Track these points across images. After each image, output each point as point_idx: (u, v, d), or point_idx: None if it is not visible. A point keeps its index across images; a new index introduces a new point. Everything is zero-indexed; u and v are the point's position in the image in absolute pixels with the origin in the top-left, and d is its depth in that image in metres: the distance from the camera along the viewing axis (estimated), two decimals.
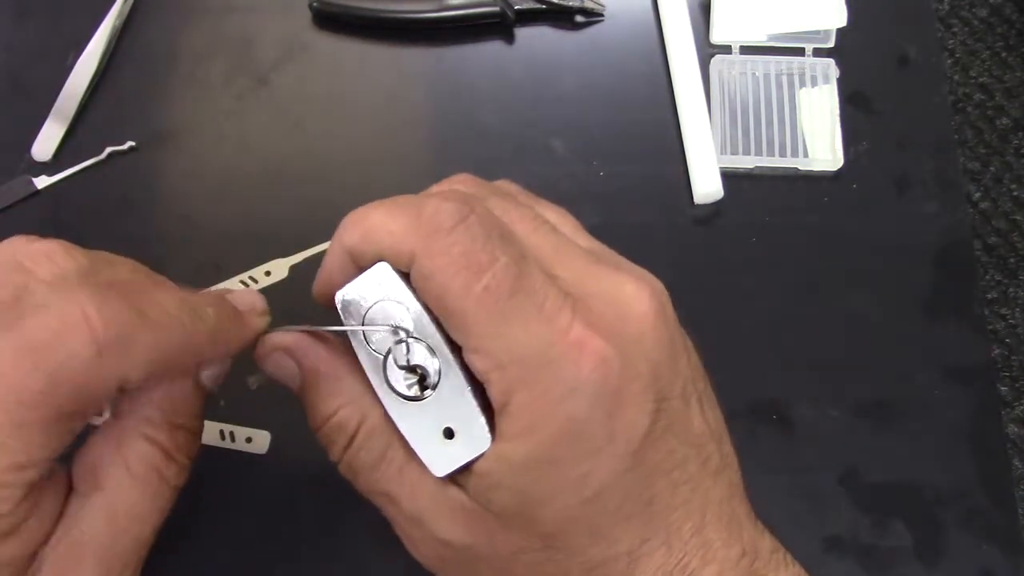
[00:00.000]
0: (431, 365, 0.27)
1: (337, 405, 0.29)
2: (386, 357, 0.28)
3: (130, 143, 0.50)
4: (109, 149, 0.49)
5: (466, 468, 0.27)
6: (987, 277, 1.21)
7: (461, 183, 0.30)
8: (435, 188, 0.30)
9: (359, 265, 0.28)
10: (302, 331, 0.29)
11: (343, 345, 0.30)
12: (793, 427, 0.46)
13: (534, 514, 0.26)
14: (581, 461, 0.25)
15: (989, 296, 1.20)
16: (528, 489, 0.26)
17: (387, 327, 0.27)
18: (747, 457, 0.31)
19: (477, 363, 0.26)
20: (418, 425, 0.28)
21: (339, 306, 0.29)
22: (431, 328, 0.27)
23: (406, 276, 0.27)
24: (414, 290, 0.27)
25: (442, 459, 0.27)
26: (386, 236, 0.27)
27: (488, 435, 0.26)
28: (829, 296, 0.48)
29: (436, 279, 0.26)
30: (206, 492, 0.45)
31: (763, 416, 0.46)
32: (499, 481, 0.26)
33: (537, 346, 0.25)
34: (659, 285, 0.29)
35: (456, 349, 0.27)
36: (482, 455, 0.26)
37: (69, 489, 0.28)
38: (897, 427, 0.46)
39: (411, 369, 0.28)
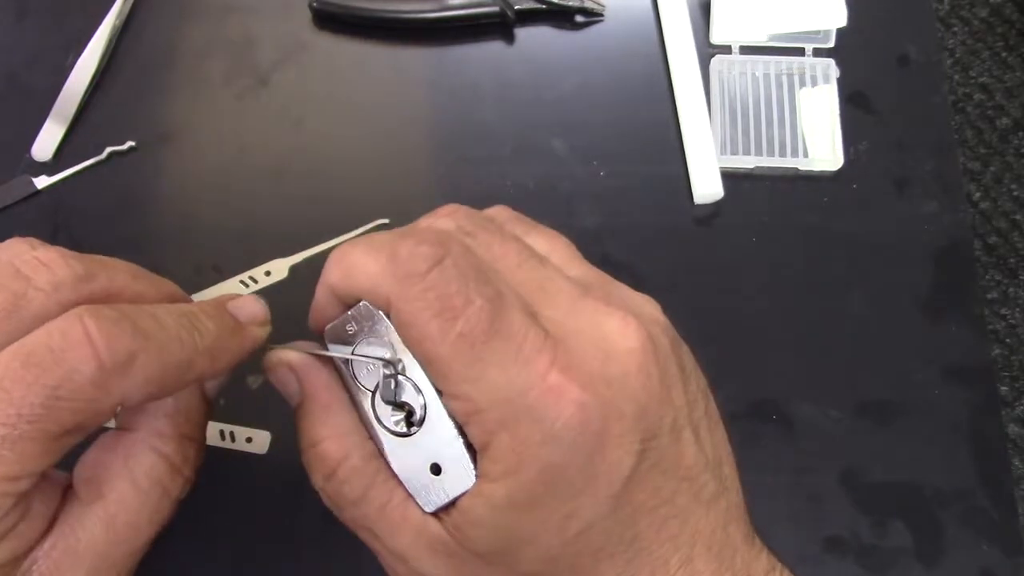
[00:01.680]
0: (416, 401, 0.27)
1: (323, 436, 0.29)
2: (374, 392, 0.28)
3: (130, 143, 0.50)
4: (109, 149, 0.49)
5: (452, 504, 0.27)
6: (987, 277, 1.21)
7: (448, 215, 0.29)
8: (422, 221, 0.30)
9: (344, 303, 0.29)
10: (309, 353, 0.30)
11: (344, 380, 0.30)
12: (793, 427, 0.46)
13: (515, 553, 0.26)
14: (562, 504, 0.25)
15: (989, 296, 1.20)
16: (509, 529, 0.26)
17: (379, 360, 0.28)
18: (747, 457, 0.31)
19: (457, 407, 0.26)
20: (406, 460, 0.28)
21: (327, 341, 0.29)
22: (414, 366, 0.27)
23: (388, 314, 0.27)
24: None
25: (430, 494, 0.28)
26: (364, 279, 0.27)
27: (472, 473, 0.26)
28: (829, 296, 0.48)
29: (412, 325, 0.26)
30: (206, 492, 0.45)
31: (763, 416, 0.46)
32: (481, 520, 0.26)
33: (515, 390, 0.25)
34: (652, 313, 0.28)
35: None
36: (466, 492, 0.26)
37: (64, 490, 0.28)
38: (897, 427, 0.46)
39: (398, 405, 0.28)
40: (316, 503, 0.44)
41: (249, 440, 0.45)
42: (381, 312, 0.27)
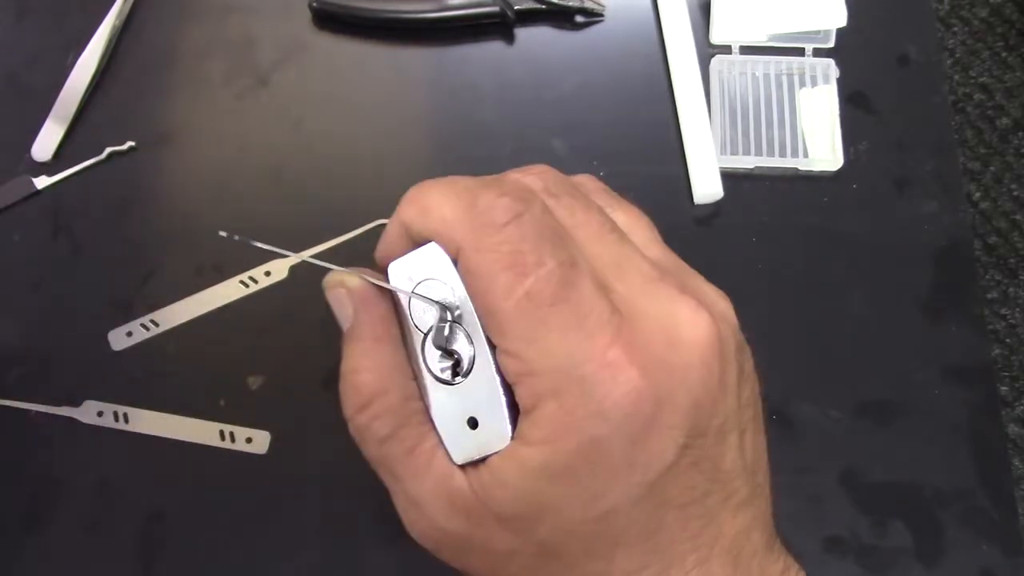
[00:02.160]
0: (466, 352, 0.27)
1: (365, 367, 0.28)
2: (426, 335, 0.28)
3: (130, 143, 0.50)
4: (109, 149, 0.49)
5: (482, 461, 0.27)
6: (987, 277, 1.21)
7: (537, 174, 0.29)
8: (510, 174, 0.29)
9: (414, 240, 0.28)
10: (371, 281, 0.29)
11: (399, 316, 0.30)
12: (793, 427, 0.46)
13: (534, 521, 0.26)
14: (594, 481, 0.25)
15: (989, 296, 1.20)
16: (535, 496, 0.25)
17: (436, 304, 0.27)
18: None
19: (509, 365, 0.25)
20: (446, 407, 0.28)
21: (390, 277, 0.29)
22: (472, 316, 0.26)
23: (456, 260, 0.27)
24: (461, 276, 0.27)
25: (462, 446, 0.27)
26: (438, 220, 0.26)
27: (509, 433, 0.26)
28: (829, 296, 0.48)
29: (479, 275, 0.25)
30: (206, 492, 0.45)
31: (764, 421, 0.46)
32: (508, 482, 0.26)
33: (571, 360, 0.24)
34: (724, 311, 0.28)
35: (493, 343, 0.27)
36: (499, 452, 0.26)
37: None
38: (897, 427, 0.46)
39: (448, 352, 0.27)
40: (316, 503, 0.44)
41: (249, 440, 0.45)
42: (449, 256, 0.27)
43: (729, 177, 0.49)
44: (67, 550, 0.44)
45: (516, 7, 0.51)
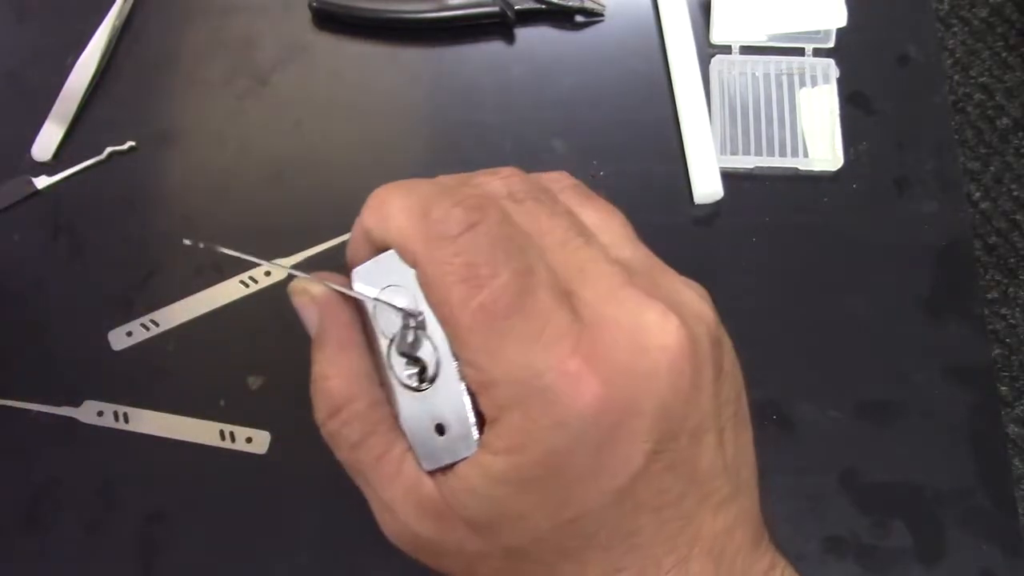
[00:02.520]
0: (431, 358, 0.27)
1: (332, 374, 0.29)
2: (391, 342, 0.28)
3: (130, 143, 0.50)
4: (109, 149, 0.49)
5: (450, 467, 0.27)
6: (987, 277, 1.21)
7: (503, 178, 0.28)
8: (476, 176, 0.29)
9: (375, 247, 0.28)
10: (333, 288, 0.29)
11: (362, 321, 0.30)
12: (793, 427, 0.46)
13: (503, 527, 0.26)
14: (559, 489, 0.25)
15: (989, 296, 1.20)
16: (502, 503, 0.25)
17: (399, 310, 0.27)
18: None
19: (470, 376, 0.25)
20: (413, 414, 0.28)
21: (354, 283, 0.29)
22: (435, 323, 0.26)
23: None
24: None
25: (430, 452, 0.27)
26: (395, 231, 0.26)
27: (475, 440, 0.26)
28: (829, 296, 0.48)
29: (434, 287, 0.25)
30: (206, 492, 0.45)
31: (763, 416, 0.46)
32: (475, 489, 0.26)
33: (531, 371, 0.24)
34: (698, 310, 0.27)
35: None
36: (466, 459, 0.26)
37: None
38: (897, 427, 0.46)
39: (413, 359, 0.27)
40: (316, 503, 0.44)
41: (249, 440, 0.45)
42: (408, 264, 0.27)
43: (729, 177, 0.49)
44: (67, 550, 0.44)
45: (516, 7, 0.51)
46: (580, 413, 0.24)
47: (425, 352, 0.27)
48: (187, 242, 0.30)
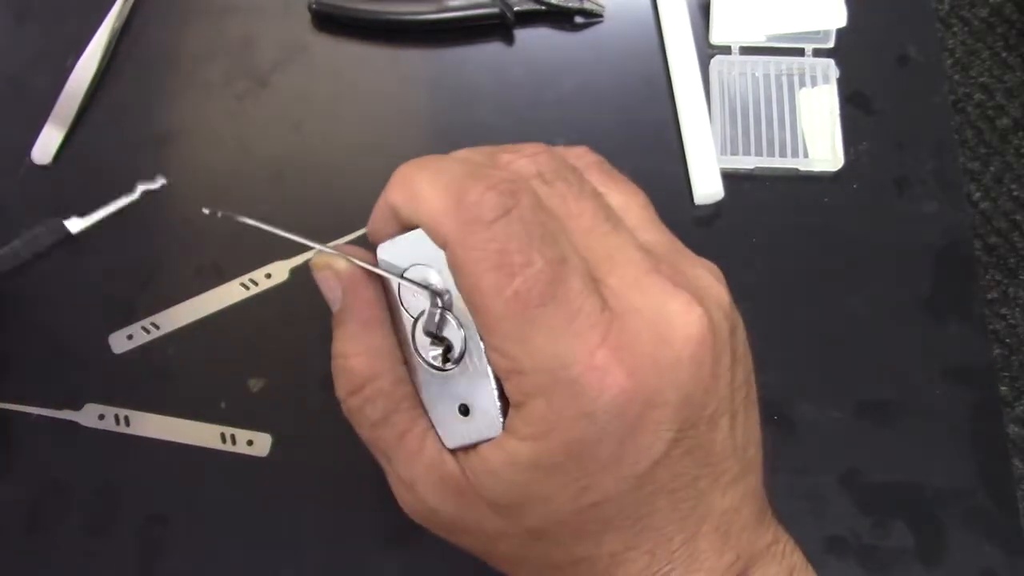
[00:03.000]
0: (457, 338, 0.27)
1: (356, 351, 0.29)
2: (416, 320, 0.28)
3: (162, 181, 0.49)
4: (141, 188, 0.49)
5: (472, 447, 0.27)
6: (987, 277, 1.21)
7: (530, 156, 0.28)
8: (503, 155, 0.28)
9: (401, 224, 0.28)
10: (358, 264, 0.29)
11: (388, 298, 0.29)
12: (794, 427, 0.46)
13: (524, 510, 0.26)
14: (582, 476, 0.25)
15: (989, 296, 1.20)
16: (524, 487, 0.26)
17: (426, 290, 0.27)
18: None
19: (498, 362, 0.25)
20: (437, 394, 0.28)
21: (379, 260, 0.28)
22: (462, 304, 0.26)
23: None
24: None
25: (454, 432, 0.27)
26: (425, 212, 0.26)
27: (500, 423, 0.26)
28: (829, 296, 0.48)
29: (467, 273, 0.25)
30: (207, 495, 0.45)
31: (763, 416, 0.45)
32: (497, 471, 0.26)
33: (560, 360, 0.24)
34: (718, 295, 0.27)
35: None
36: (490, 440, 0.26)
37: None
38: (898, 427, 0.46)
39: (438, 338, 0.27)
40: (317, 505, 0.44)
41: (250, 443, 0.45)
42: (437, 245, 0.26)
43: (729, 177, 0.49)
44: (68, 553, 0.44)
45: (515, 8, 0.51)
46: (606, 405, 0.24)
47: (451, 332, 0.27)
48: (206, 211, 0.30)
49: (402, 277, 0.28)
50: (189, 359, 0.46)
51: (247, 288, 0.47)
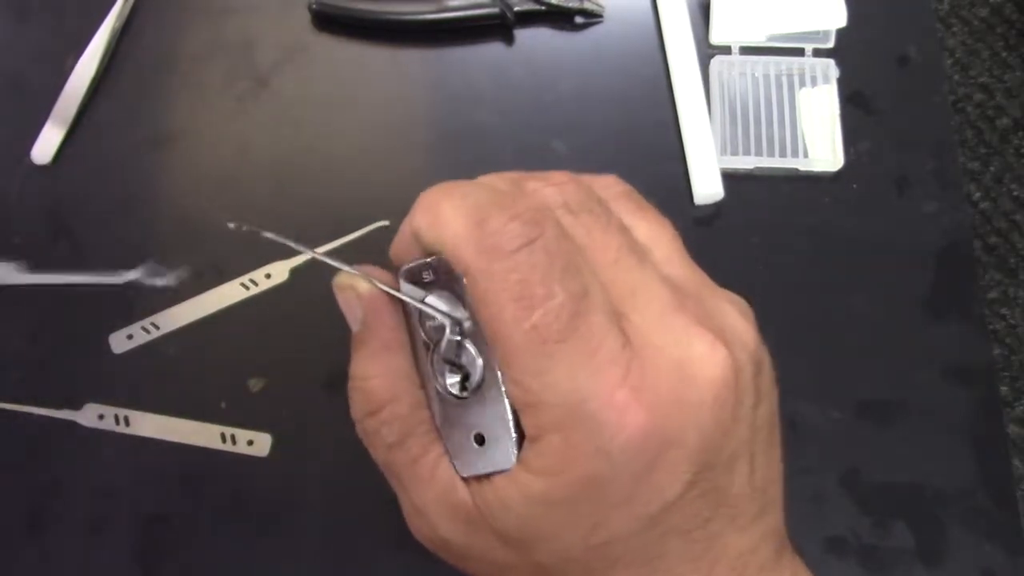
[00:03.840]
0: (475, 368, 0.26)
1: (375, 373, 0.28)
2: (435, 347, 0.28)
3: (163, 280, 0.48)
4: (128, 276, 0.48)
5: (486, 477, 0.27)
6: (987, 277, 1.21)
7: (557, 186, 0.27)
8: (530, 182, 0.28)
9: (424, 249, 0.27)
10: (381, 287, 0.29)
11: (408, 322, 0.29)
12: (794, 427, 0.46)
13: (533, 545, 0.26)
14: (594, 513, 0.25)
15: (989, 296, 1.20)
16: (534, 522, 0.25)
17: (446, 316, 0.27)
18: None
19: (515, 394, 0.25)
20: (453, 421, 0.28)
21: (401, 283, 0.28)
22: (481, 334, 0.26)
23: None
24: None
25: (468, 461, 0.27)
26: (448, 237, 0.26)
27: (514, 455, 0.26)
28: (829, 296, 0.48)
29: (486, 302, 0.25)
30: (207, 495, 0.45)
31: None
32: (509, 504, 0.26)
33: (578, 396, 0.24)
34: (743, 335, 0.27)
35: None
36: (503, 471, 0.26)
37: None
38: (898, 427, 0.46)
39: (456, 366, 0.27)
40: (317, 506, 0.44)
41: (250, 443, 0.45)
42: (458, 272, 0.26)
43: (729, 177, 0.49)
44: (68, 553, 0.44)
45: (515, 8, 0.51)
46: (623, 444, 0.24)
47: (469, 360, 0.27)
48: (231, 225, 0.30)
49: (423, 303, 0.27)
50: (189, 359, 0.46)
51: (247, 288, 0.47)
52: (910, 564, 0.44)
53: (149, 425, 0.45)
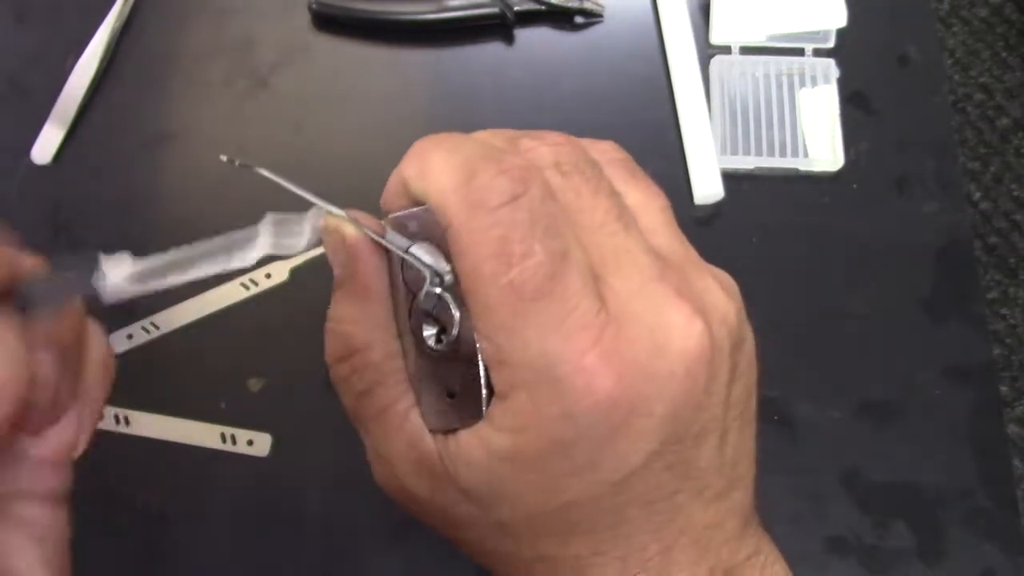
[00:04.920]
0: (452, 322, 0.26)
1: (351, 318, 0.28)
2: (414, 298, 0.27)
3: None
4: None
5: (453, 431, 0.27)
6: (987, 277, 1.21)
7: (551, 146, 0.27)
8: (525, 140, 0.27)
9: (412, 198, 0.27)
10: (367, 233, 0.28)
11: (389, 270, 0.29)
12: (794, 427, 0.46)
13: (494, 502, 0.26)
14: (556, 475, 0.25)
15: (989, 296, 1.20)
16: (497, 479, 0.25)
17: (427, 268, 0.27)
18: None
19: (487, 350, 0.25)
20: (427, 373, 0.27)
21: (387, 231, 0.28)
22: (461, 287, 0.26)
23: None
24: None
25: (437, 414, 0.27)
26: (434, 189, 0.25)
27: (483, 411, 0.26)
28: (829, 296, 0.48)
29: (466, 256, 0.24)
30: (208, 495, 0.45)
31: (764, 416, 0.45)
32: (474, 460, 0.25)
33: (547, 357, 0.24)
34: (724, 309, 0.27)
35: None
36: (471, 428, 0.26)
37: None
38: (898, 427, 0.46)
39: (434, 318, 0.27)
40: (317, 505, 0.44)
41: (250, 443, 0.45)
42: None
43: (729, 177, 0.49)
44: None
45: (515, 8, 0.51)
46: (589, 408, 0.24)
47: (447, 314, 0.26)
48: (224, 158, 0.30)
49: (406, 252, 0.27)
50: (189, 359, 0.46)
51: (247, 288, 0.47)
52: (910, 564, 0.44)
53: (149, 425, 0.45)
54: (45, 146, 0.50)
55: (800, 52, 0.52)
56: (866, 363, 0.47)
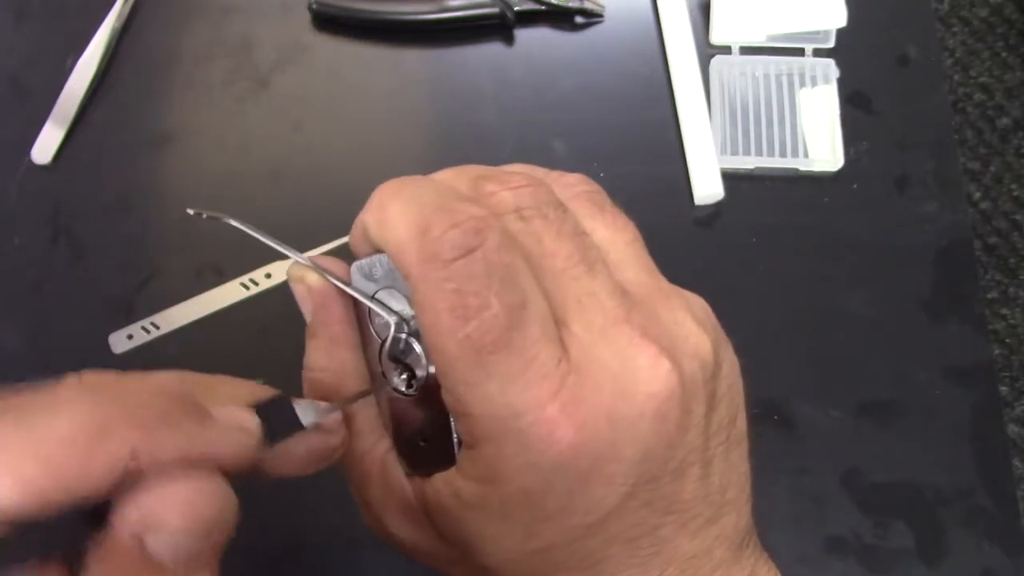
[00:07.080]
0: (421, 367, 0.26)
1: (323, 367, 0.29)
2: (383, 344, 0.28)
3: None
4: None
5: (427, 476, 0.27)
6: (987, 277, 1.21)
7: (514, 189, 0.26)
8: (488, 182, 0.27)
9: (373, 245, 0.27)
10: (331, 280, 0.29)
11: (357, 314, 0.29)
12: (794, 427, 0.46)
13: (473, 547, 0.26)
14: (529, 522, 0.24)
15: (989, 296, 1.20)
16: (471, 526, 0.25)
17: (393, 314, 0.27)
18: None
19: (450, 402, 0.25)
20: (399, 417, 0.28)
21: (352, 277, 0.28)
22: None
23: None
24: None
25: (411, 459, 0.27)
26: (391, 240, 0.25)
27: (454, 458, 0.26)
28: (829, 296, 0.48)
29: (423, 309, 0.24)
30: None
31: (764, 416, 0.46)
32: (446, 508, 0.26)
33: (510, 409, 0.23)
34: (693, 346, 0.26)
35: None
36: (442, 475, 0.26)
37: None
38: (898, 427, 0.46)
39: (404, 364, 0.27)
40: (317, 505, 0.44)
41: None
42: None
43: (729, 177, 0.49)
44: None
45: (516, 8, 0.51)
46: (553, 459, 0.23)
47: (415, 359, 0.27)
48: (190, 211, 0.30)
49: (371, 299, 0.27)
50: (189, 359, 0.46)
51: (247, 288, 0.47)
52: (910, 564, 0.44)
53: None
54: (45, 146, 0.50)
55: (800, 52, 0.52)
56: (866, 363, 0.47)
